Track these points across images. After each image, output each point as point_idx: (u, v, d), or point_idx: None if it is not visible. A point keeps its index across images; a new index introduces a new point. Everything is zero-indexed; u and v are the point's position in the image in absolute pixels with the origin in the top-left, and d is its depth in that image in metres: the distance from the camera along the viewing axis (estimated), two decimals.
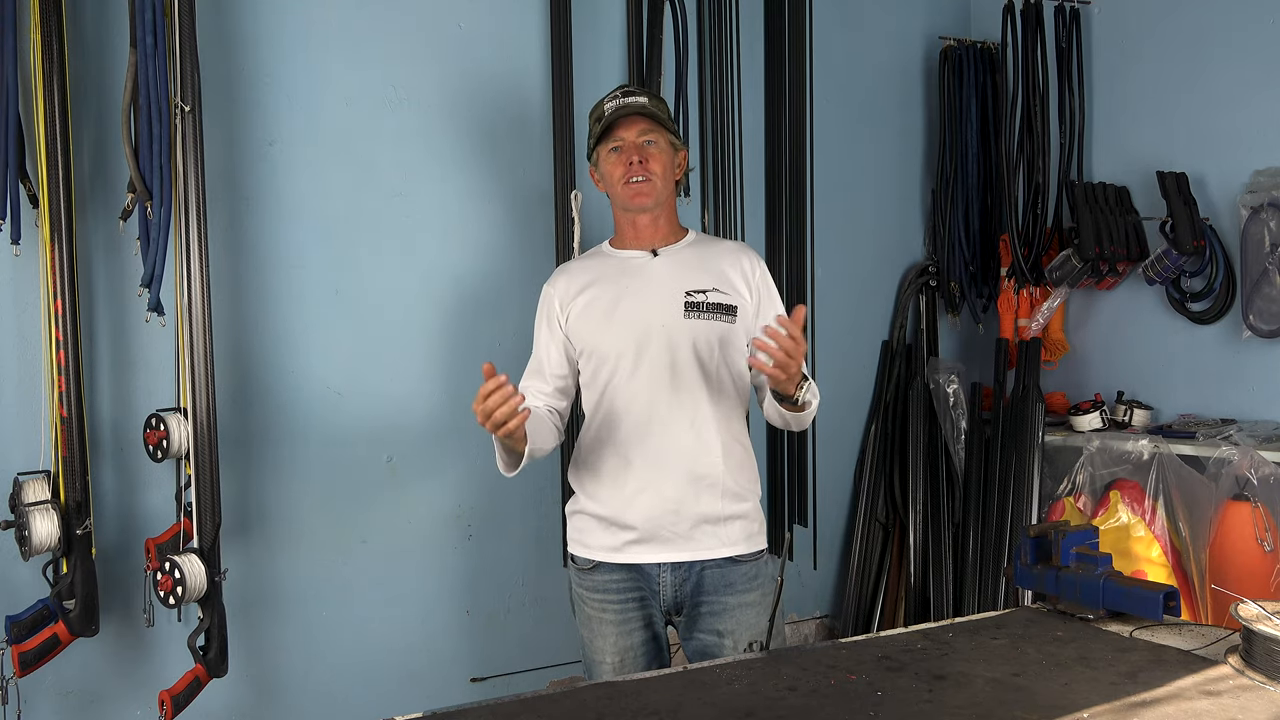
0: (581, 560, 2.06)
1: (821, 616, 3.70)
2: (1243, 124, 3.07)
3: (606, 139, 2.03)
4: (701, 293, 1.99)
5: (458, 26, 2.92)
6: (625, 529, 1.98)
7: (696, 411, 1.97)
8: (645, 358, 1.97)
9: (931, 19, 3.85)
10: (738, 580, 2.00)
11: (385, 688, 2.81)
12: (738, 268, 2.05)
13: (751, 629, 1.99)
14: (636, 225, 2.06)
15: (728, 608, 1.99)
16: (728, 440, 2.00)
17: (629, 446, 1.98)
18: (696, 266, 2.04)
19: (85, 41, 2.41)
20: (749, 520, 2.03)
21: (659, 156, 2.02)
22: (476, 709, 1.36)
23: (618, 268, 2.05)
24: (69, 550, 2.24)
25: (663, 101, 2.08)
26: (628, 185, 2.01)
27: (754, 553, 2.03)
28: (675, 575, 1.99)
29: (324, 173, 2.73)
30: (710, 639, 2.00)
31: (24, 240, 2.28)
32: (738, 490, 2.01)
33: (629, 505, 1.97)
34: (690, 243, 2.10)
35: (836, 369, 3.57)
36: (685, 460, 1.96)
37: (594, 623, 2.05)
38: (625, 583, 2.01)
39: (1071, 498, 3.18)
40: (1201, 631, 1.56)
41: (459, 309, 2.90)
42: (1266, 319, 2.95)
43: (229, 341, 2.60)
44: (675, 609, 2.03)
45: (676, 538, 1.97)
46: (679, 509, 1.96)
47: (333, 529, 2.75)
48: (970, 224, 3.72)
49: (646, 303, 2.00)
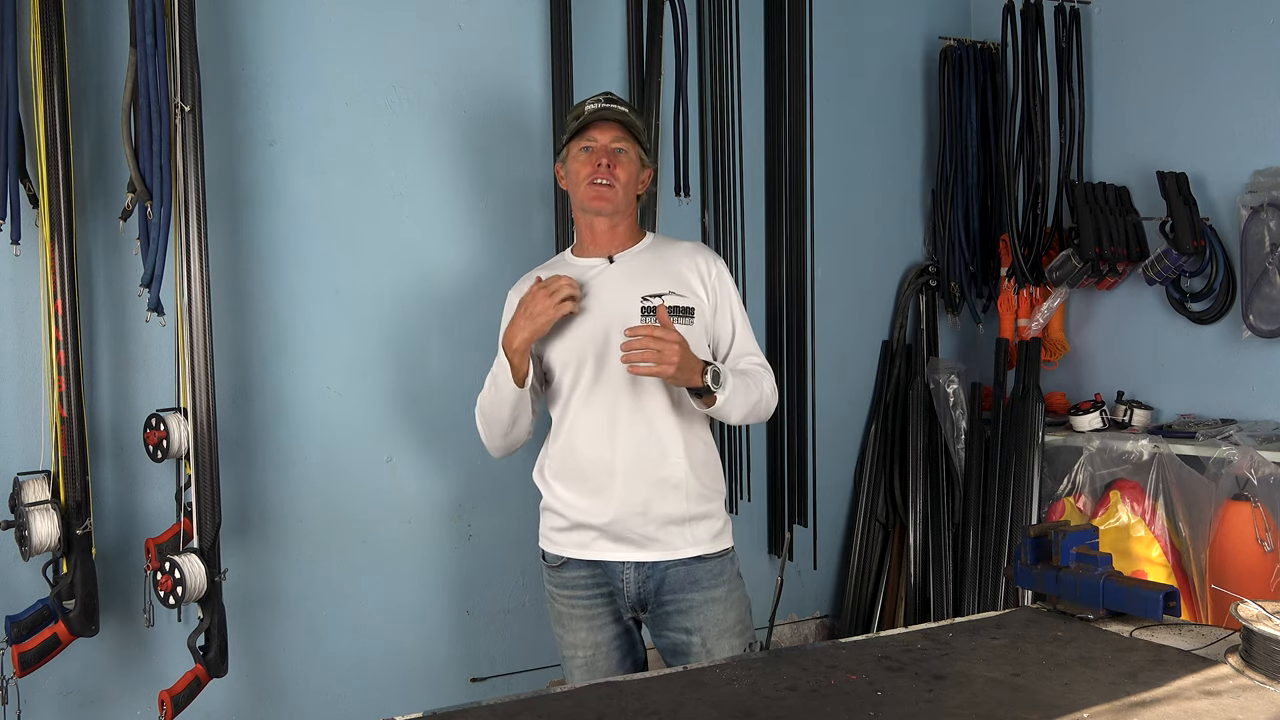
0: (551, 557, 2.09)
1: (821, 616, 3.70)
2: (1243, 124, 3.06)
3: (579, 138, 2.05)
4: (658, 296, 2.00)
5: (458, 26, 2.92)
6: (591, 528, 2.00)
7: (659, 415, 1.99)
8: (606, 364, 1.99)
9: (931, 19, 3.85)
10: (703, 577, 2.01)
11: (385, 688, 2.81)
12: (694, 268, 2.07)
13: (718, 625, 2.00)
14: (594, 229, 2.09)
15: (694, 605, 2.00)
16: (691, 441, 2.02)
17: (594, 454, 1.99)
18: (653, 270, 2.05)
19: (85, 41, 2.41)
20: (714, 519, 2.05)
21: (627, 166, 2.04)
22: (476, 709, 1.36)
23: (576, 276, 2.06)
24: (69, 550, 2.24)
25: (642, 117, 2.10)
26: (590, 186, 2.02)
27: (720, 551, 2.05)
28: (639, 573, 2.01)
29: (324, 173, 2.73)
30: (679, 637, 2.02)
31: (24, 240, 2.27)
32: (703, 491, 2.03)
33: (594, 509, 1.99)
34: (647, 246, 2.11)
35: (836, 369, 3.57)
36: (650, 465, 1.98)
37: (565, 619, 2.08)
38: (592, 579, 2.04)
39: (1071, 498, 3.18)
40: (1201, 631, 1.56)
41: (459, 309, 2.90)
42: (1266, 319, 2.95)
43: (229, 341, 2.60)
44: (640, 606, 2.04)
45: (642, 538, 1.99)
46: (645, 511, 1.98)
47: (333, 529, 2.75)
48: (970, 224, 3.72)
49: (604, 310, 2.01)
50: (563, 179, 2.13)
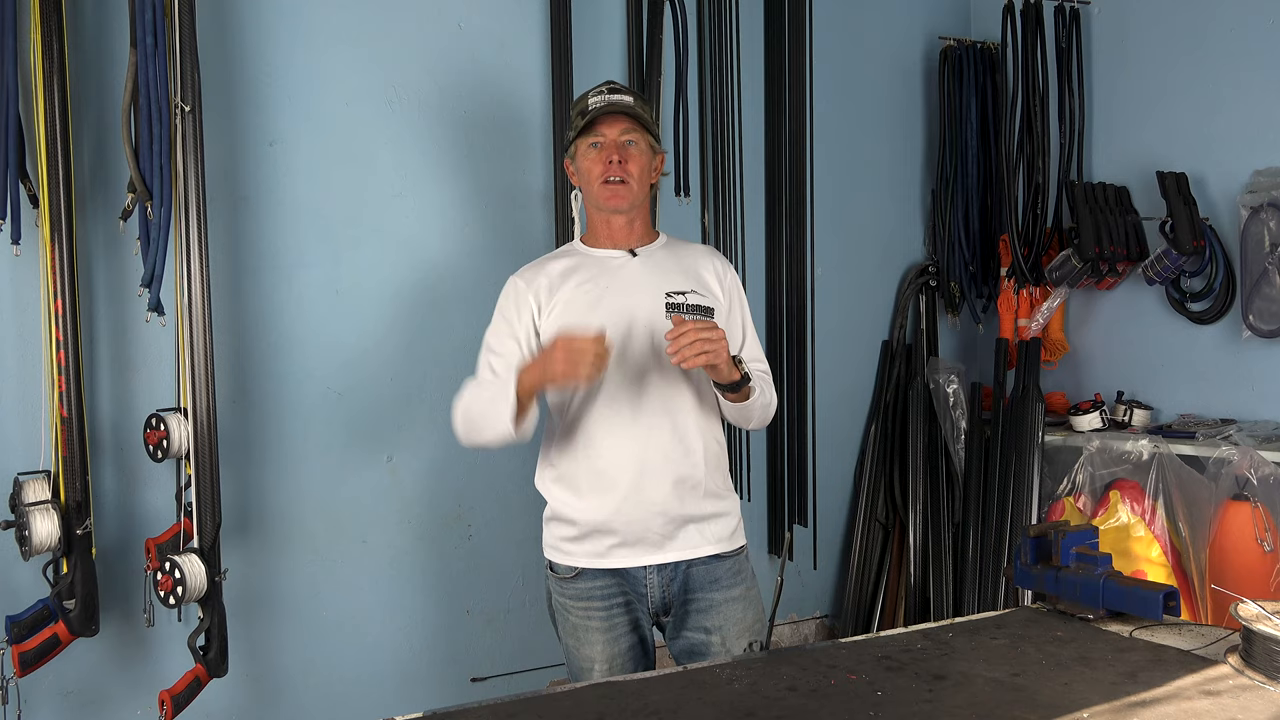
0: (563, 568, 2.00)
1: (821, 616, 3.70)
2: (1243, 124, 3.06)
3: (587, 133, 2.00)
4: (681, 294, 1.98)
5: (458, 26, 2.92)
6: (608, 534, 1.95)
7: (681, 412, 1.96)
8: (627, 360, 1.94)
9: (931, 19, 3.85)
10: (723, 576, 2.00)
11: (385, 688, 2.81)
12: (711, 270, 2.06)
13: (738, 624, 1.99)
14: (611, 225, 2.05)
15: (715, 604, 1.98)
16: (708, 440, 2.00)
17: (615, 452, 1.94)
18: (673, 269, 2.03)
19: (85, 41, 2.41)
20: (730, 517, 2.03)
21: (638, 158, 2.00)
22: (476, 709, 1.36)
23: (597, 266, 2.03)
24: (69, 550, 2.24)
25: (647, 102, 2.07)
26: (605, 185, 1.98)
27: (736, 549, 2.03)
28: (662, 576, 1.98)
29: (324, 173, 2.73)
30: (698, 636, 1.99)
31: (24, 240, 2.28)
32: (717, 490, 2.01)
33: (613, 511, 1.94)
34: (663, 245, 2.09)
35: (836, 369, 3.57)
36: (670, 464, 1.94)
37: (580, 631, 2.00)
38: (610, 588, 1.98)
39: (1071, 498, 3.18)
40: (1201, 631, 1.56)
41: (459, 309, 2.90)
42: (1266, 319, 2.95)
43: (229, 341, 2.60)
44: (663, 610, 2.01)
45: (662, 539, 1.95)
46: (664, 512, 1.94)
47: (333, 529, 2.75)
48: (970, 224, 3.72)
49: (629, 301, 1.97)
50: (573, 175, 2.09)
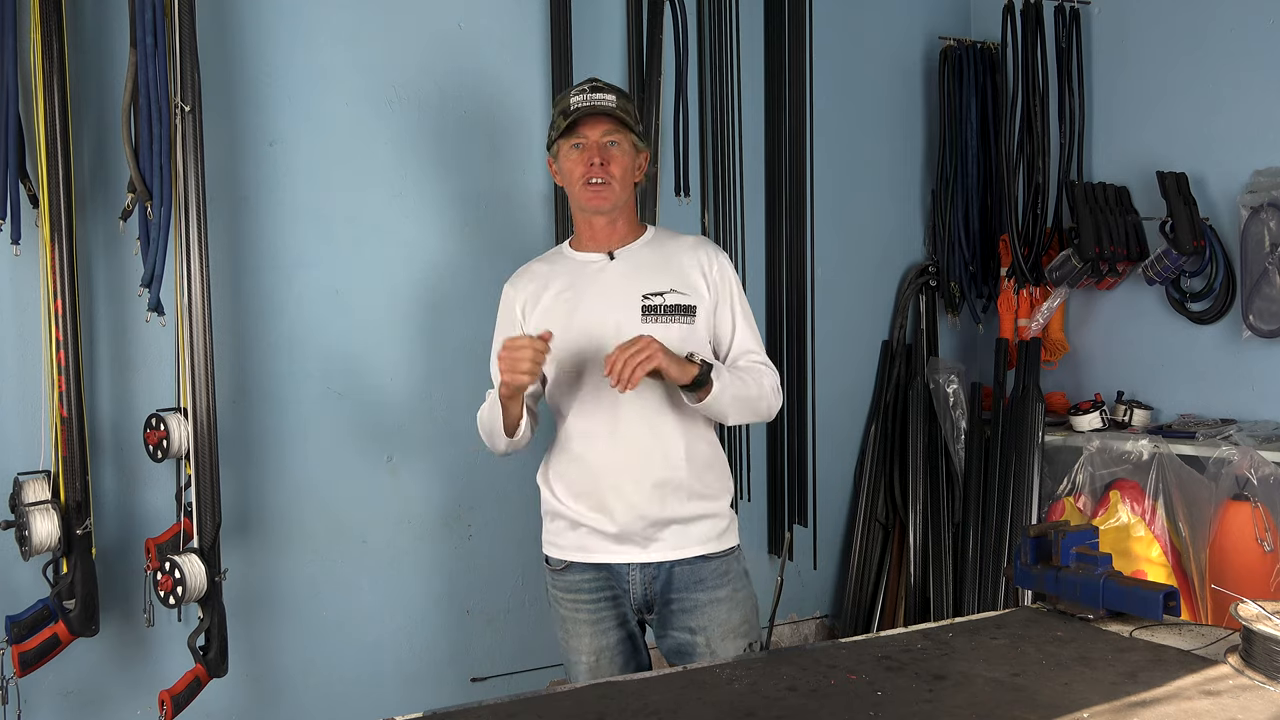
0: (554, 561, 2.06)
1: (821, 616, 3.70)
2: (1243, 124, 3.06)
3: (569, 134, 1.99)
4: (659, 295, 1.98)
5: (458, 26, 2.92)
6: (594, 532, 1.98)
7: (658, 416, 1.97)
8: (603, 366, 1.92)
9: (931, 19, 3.85)
10: (708, 576, 2.00)
11: (385, 688, 2.81)
12: (696, 264, 2.03)
13: (722, 625, 1.99)
14: (593, 226, 2.05)
15: (699, 604, 1.99)
16: (692, 442, 1.99)
17: (593, 454, 1.98)
18: (654, 267, 2.02)
19: (85, 41, 2.41)
20: (718, 519, 2.03)
21: (620, 159, 1.99)
22: (476, 709, 1.36)
23: (575, 271, 2.03)
24: (69, 550, 2.24)
25: (630, 100, 2.05)
26: (586, 186, 1.98)
27: (724, 550, 2.03)
28: (644, 574, 1.99)
29: (324, 173, 2.73)
30: (683, 636, 2.00)
31: (24, 240, 2.28)
32: (704, 491, 2.01)
33: (596, 510, 1.98)
34: (648, 241, 2.07)
35: (836, 369, 3.57)
36: (649, 467, 1.95)
37: (569, 623, 2.05)
38: (597, 582, 2.02)
39: (1071, 498, 3.18)
40: (1201, 631, 1.56)
41: (459, 309, 2.90)
42: (1266, 319, 2.95)
43: (229, 341, 2.60)
44: (646, 607, 2.03)
45: (645, 539, 1.97)
46: (644, 515, 1.96)
47: (333, 529, 2.75)
48: (970, 224, 3.72)
49: (603, 308, 1.98)
50: (556, 175, 2.09)
